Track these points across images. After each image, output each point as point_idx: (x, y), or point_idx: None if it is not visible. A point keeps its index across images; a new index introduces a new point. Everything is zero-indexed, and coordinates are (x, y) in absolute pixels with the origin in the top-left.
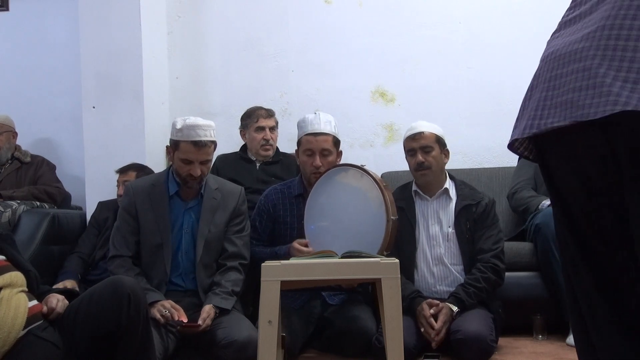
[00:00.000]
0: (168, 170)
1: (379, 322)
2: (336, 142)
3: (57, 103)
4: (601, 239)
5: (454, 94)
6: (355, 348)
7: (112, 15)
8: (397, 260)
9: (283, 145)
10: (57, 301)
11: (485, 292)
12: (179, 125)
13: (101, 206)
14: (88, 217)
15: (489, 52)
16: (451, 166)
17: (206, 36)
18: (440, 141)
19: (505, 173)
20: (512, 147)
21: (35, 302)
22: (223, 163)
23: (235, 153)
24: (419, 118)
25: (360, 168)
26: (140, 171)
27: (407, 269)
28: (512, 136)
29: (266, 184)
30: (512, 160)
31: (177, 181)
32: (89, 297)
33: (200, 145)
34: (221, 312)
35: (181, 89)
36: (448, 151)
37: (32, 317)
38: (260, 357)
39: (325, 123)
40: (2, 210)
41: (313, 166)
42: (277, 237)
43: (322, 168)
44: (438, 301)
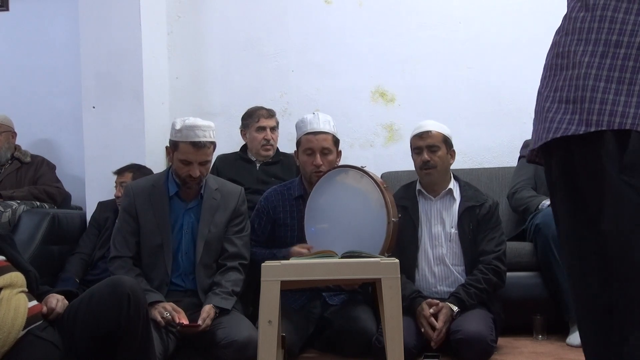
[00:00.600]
0: (168, 170)
1: (379, 322)
2: (336, 142)
3: (57, 103)
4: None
5: (454, 94)
6: (355, 348)
7: (112, 15)
8: (397, 260)
9: (283, 145)
10: (57, 301)
11: (486, 294)
12: (178, 125)
13: (101, 206)
14: (88, 217)
15: (489, 52)
16: (451, 166)
17: (206, 36)
18: (447, 141)
19: (505, 173)
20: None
21: (35, 303)
22: (223, 163)
23: (235, 153)
24: (419, 118)
25: (360, 169)
26: (137, 172)
27: (409, 269)
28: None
29: (266, 185)
30: (512, 160)
31: (177, 182)
32: (89, 297)
33: (199, 146)
34: (221, 312)
35: (181, 89)
36: (454, 152)
37: (32, 318)
38: (260, 357)
39: (324, 122)
40: (2, 210)
41: (314, 165)
42: (277, 239)
43: (323, 167)
44: (438, 300)
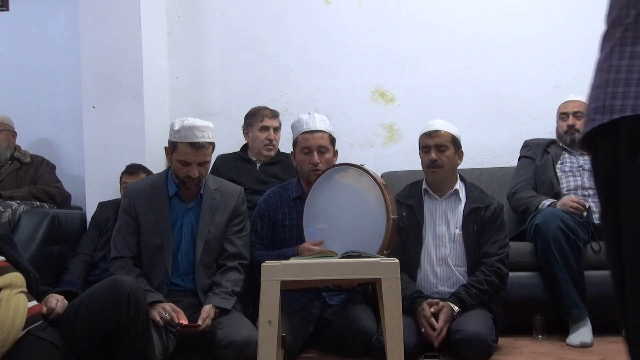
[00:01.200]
0: (167, 171)
1: (379, 322)
2: (332, 140)
3: (57, 103)
4: None
5: (454, 94)
6: (355, 348)
7: (112, 15)
8: (397, 260)
9: (283, 145)
10: (57, 301)
11: (487, 295)
12: (177, 126)
13: (101, 207)
14: (88, 218)
15: (489, 52)
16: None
17: (206, 36)
18: (455, 141)
19: (505, 173)
20: None
21: (34, 303)
22: (223, 163)
23: (235, 153)
24: (419, 118)
25: (359, 167)
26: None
27: (411, 268)
28: None
29: (266, 185)
30: (512, 160)
31: (176, 182)
32: (89, 297)
33: (197, 146)
34: (221, 312)
35: (181, 89)
36: (462, 152)
37: (32, 318)
38: (260, 357)
39: (320, 122)
40: (2, 210)
41: (311, 163)
42: (278, 241)
43: (321, 165)
44: (438, 300)
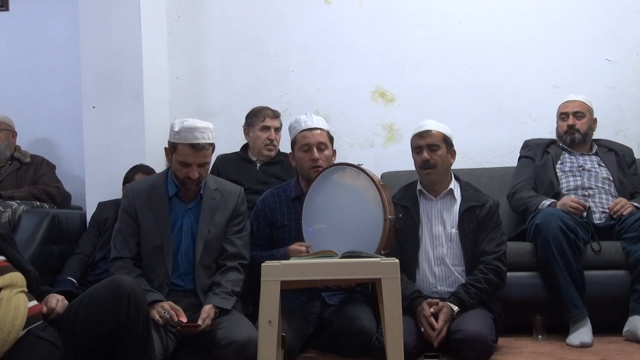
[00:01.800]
0: (167, 171)
1: (379, 322)
2: (330, 138)
3: (57, 103)
4: None
5: (454, 94)
6: (355, 348)
7: (112, 15)
8: (397, 260)
9: (283, 145)
10: (57, 301)
11: (486, 293)
12: (177, 127)
13: (101, 207)
14: (88, 217)
15: (489, 52)
16: (451, 166)
17: (206, 36)
18: (447, 141)
19: (505, 173)
20: None
21: (35, 303)
22: (223, 163)
23: (235, 153)
24: (419, 118)
25: (357, 167)
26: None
27: (409, 269)
28: None
29: (266, 185)
30: (512, 160)
31: (176, 182)
32: (89, 297)
33: (198, 148)
34: (221, 312)
35: (181, 89)
36: (455, 152)
37: (32, 317)
38: (260, 357)
39: (318, 120)
40: (2, 210)
41: (312, 160)
42: (276, 241)
43: (320, 162)
44: (438, 300)
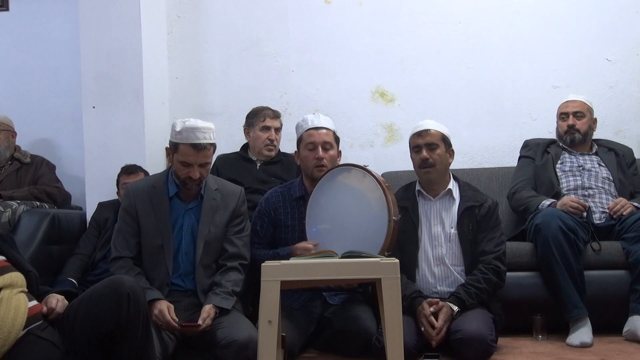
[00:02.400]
0: (168, 171)
1: (379, 322)
2: (337, 139)
3: (57, 103)
4: None
5: (454, 94)
6: (355, 348)
7: (112, 15)
8: (397, 260)
9: (283, 145)
10: (57, 301)
11: (486, 293)
12: (178, 127)
13: (101, 207)
14: (88, 218)
15: (489, 52)
16: (451, 166)
17: (206, 36)
18: (445, 140)
19: (505, 173)
20: None
21: (35, 303)
22: (223, 163)
23: (235, 153)
24: (419, 118)
25: (363, 168)
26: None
27: (409, 269)
28: None
29: (266, 184)
30: (512, 160)
31: (177, 182)
32: (89, 297)
33: (199, 148)
34: (221, 312)
35: (181, 89)
36: (453, 151)
37: (32, 317)
38: (260, 357)
39: (325, 120)
40: (2, 210)
41: (316, 159)
42: (279, 241)
43: (325, 161)
44: (438, 299)
